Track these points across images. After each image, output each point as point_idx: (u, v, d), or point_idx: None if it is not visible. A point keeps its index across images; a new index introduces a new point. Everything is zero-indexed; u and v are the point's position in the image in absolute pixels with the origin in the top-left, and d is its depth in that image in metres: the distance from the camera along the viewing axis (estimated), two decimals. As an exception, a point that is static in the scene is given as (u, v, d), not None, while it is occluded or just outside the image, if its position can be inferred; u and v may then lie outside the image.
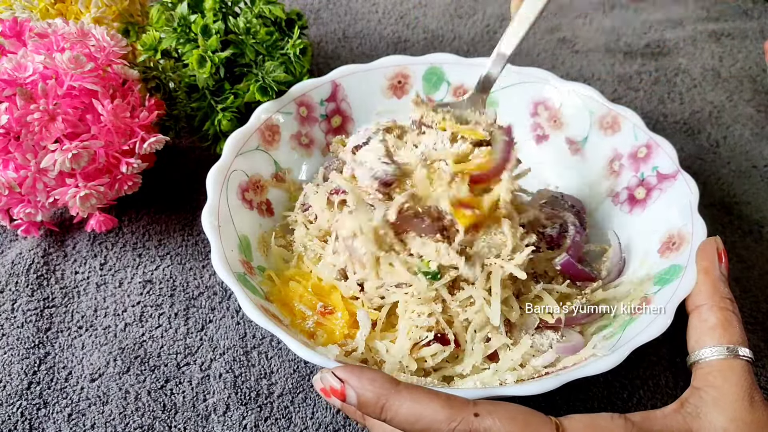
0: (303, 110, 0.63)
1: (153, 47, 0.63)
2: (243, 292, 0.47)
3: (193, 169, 0.68)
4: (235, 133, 0.58)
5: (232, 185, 0.56)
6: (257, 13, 0.65)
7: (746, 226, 0.66)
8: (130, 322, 0.57)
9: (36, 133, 0.51)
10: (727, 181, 0.70)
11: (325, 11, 0.92)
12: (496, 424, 0.39)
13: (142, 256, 0.61)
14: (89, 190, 0.55)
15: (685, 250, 0.51)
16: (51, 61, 0.52)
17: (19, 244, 0.62)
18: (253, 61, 0.64)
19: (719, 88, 0.81)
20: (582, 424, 0.41)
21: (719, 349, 0.44)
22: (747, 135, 0.75)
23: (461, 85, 0.66)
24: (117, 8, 0.67)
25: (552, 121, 0.64)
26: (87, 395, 0.52)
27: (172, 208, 0.65)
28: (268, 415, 0.51)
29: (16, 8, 0.64)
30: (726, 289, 0.47)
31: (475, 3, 0.94)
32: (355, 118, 0.65)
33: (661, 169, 0.57)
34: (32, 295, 0.58)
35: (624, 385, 0.53)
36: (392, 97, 0.66)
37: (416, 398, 0.39)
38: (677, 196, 0.55)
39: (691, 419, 0.42)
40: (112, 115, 0.54)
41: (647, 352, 0.55)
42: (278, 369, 0.54)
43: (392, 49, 0.86)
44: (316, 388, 0.42)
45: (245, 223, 0.56)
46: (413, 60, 0.65)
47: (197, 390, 0.52)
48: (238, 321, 0.57)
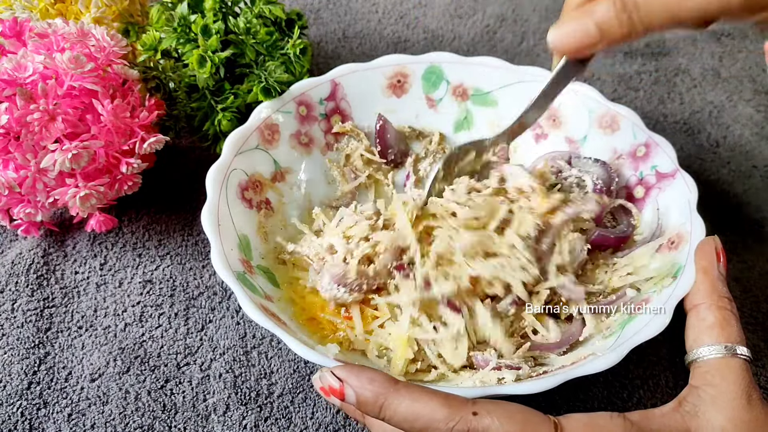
0: (302, 109, 0.63)
1: (153, 47, 0.63)
2: (243, 291, 0.47)
3: (193, 169, 0.68)
4: (235, 132, 0.58)
5: (232, 184, 0.56)
6: (257, 13, 0.65)
7: (746, 226, 0.66)
8: (130, 322, 0.57)
9: (36, 133, 0.51)
10: (727, 181, 0.70)
11: (325, 11, 0.92)
12: (494, 423, 0.39)
13: (142, 256, 0.61)
14: (89, 190, 0.55)
15: (684, 249, 0.51)
16: (51, 61, 0.52)
17: (19, 244, 0.62)
18: (253, 61, 0.64)
19: (719, 88, 0.81)
20: (581, 424, 0.41)
21: (717, 348, 0.44)
22: (747, 135, 0.75)
23: (460, 84, 0.66)
24: (117, 8, 0.67)
25: (551, 120, 0.64)
26: (87, 395, 0.52)
27: (172, 208, 0.65)
28: (268, 415, 0.51)
29: (16, 8, 0.64)
30: (724, 288, 0.48)
31: (475, 3, 0.94)
32: (354, 117, 0.65)
33: (660, 168, 0.58)
34: (32, 295, 0.58)
35: (624, 385, 0.53)
36: (392, 96, 0.66)
37: (415, 397, 0.39)
38: (676, 195, 0.55)
39: (689, 418, 0.42)
40: (112, 115, 0.54)
41: (647, 351, 0.55)
42: (278, 369, 0.54)
43: (392, 49, 0.86)
44: (316, 387, 0.42)
45: (245, 223, 0.56)
46: (413, 59, 0.65)
47: (197, 390, 0.52)
48: (238, 321, 0.57)
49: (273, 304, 0.51)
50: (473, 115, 0.66)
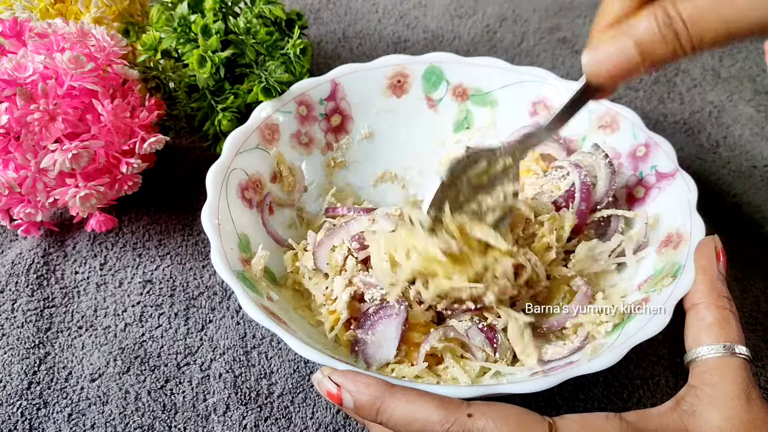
0: (302, 109, 0.63)
1: (153, 47, 0.63)
2: (243, 290, 0.47)
3: (193, 169, 0.68)
4: (235, 132, 0.58)
5: (232, 184, 0.56)
6: (257, 13, 0.65)
7: (746, 226, 0.66)
8: (130, 322, 0.57)
9: (36, 133, 0.51)
10: (727, 181, 0.70)
11: (325, 11, 0.92)
12: (489, 425, 0.39)
13: (142, 256, 0.61)
14: (89, 190, 0.55)
15: (684, 248, 0.51)
16: (51, 61, 0.52)
17: (19, 244, 0.62)
18: (253, 61, 0.64)
19: (719, 88, 0.81)
20: (576, 425, 0.41)
21: (716, 347, 0.44)
22: (747, 135, 0.75)
23: (460, 84, 0.66)
24: (117, 8, 0.67)
25: (551, 120, 0.64)
26: (87, 395, 0.52)
27: (172, 208, 0.65)
28: (268, 415, 0.51)
29: (16, 8, 0.64)
30: (724, 287, 0.47)
31: (475, 3, 0.94)
32: (354, 117, 0.65)
33: (660, 168, 0.58)
34: (32, 295, 0.58)
35: (624, 385, 0.53)
36: (392, 96, 0.66)
37: (410, 400, 0.40)
38: (676, 195, 0.55)
39: (687, 417, 0.42)
40: (112, 115, 0.54)
41: (647, 351, 0.55)
42: (278, 369, 0.54)
43: (392, 49, 0.86)
44: (316, 387, 0.43)
45: (245, 222, 0.56)
46: (413, 59, 0.65)
47: (197, 390, 0.52)
48: (238, 321, 0.57)
49: (273, 303, 0.51)
50: (473, 115, 0.66)
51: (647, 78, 0.82)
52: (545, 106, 0.64)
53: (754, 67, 0.84)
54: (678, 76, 0.83)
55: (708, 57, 0.85)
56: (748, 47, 0.87)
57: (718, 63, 0.85)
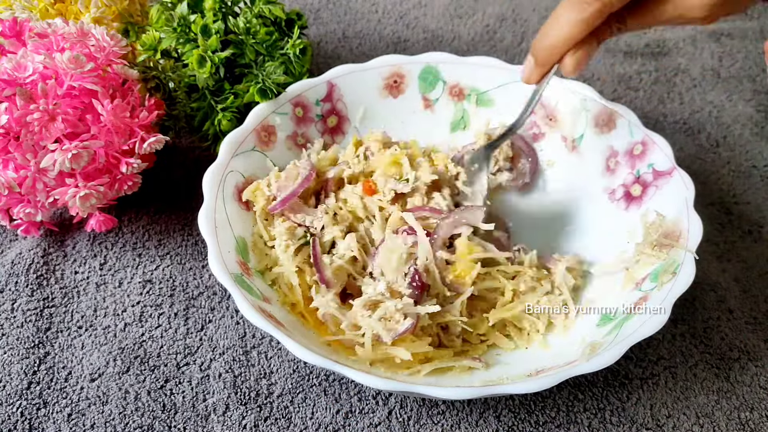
0: (299, 111, 0.63)
1: (153, 47, 0.63)
2: (240, 293, 0.47)
3: (193, 169, 0.68)
4: (232, 134, 0.58)
5: (229, 186, 0.56)
6: (257, 13, 0.65)
7: (746, 226, 0.66)
8: (129, 322, 0.57)
9: (36, 133, 0.51)
10: (726, 181, 0.70)
11: (325, 11, 0.92)
12: None
13: (142, 256, 0.61)
14: (89, 190, 0.55)
15: (682, 246, 0.51)
16: (51, 61, 0.52)
17: (19, 244, 0.62)
18: (253, 61, 0.64)
19: (719, 88, 0.81)
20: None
21: None
22: (747, 135, 0.75)
23: (457, 84, 0.66)
24: (117, 8, 0.67)
25: (548, 119, 0.64)
26: (87, 395, 0.52)
27: (172, 208, 0.66)
28: (267, 415, 0.51)
29: (16, 8, 0.64)
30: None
31: (475, 3, 0.94)
32: (350, 118, 0.65)
33: (657, 166, 0.58)
34: (32, 295, 0.58)
35: (624, 385, 0.53)
36: (388, 96, 0.66)
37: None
38: (673, 193, 0.55)
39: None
40: (112, 115, 0.54)
41: (647, 351, 0.55)
42: (278, 369, 0.54)
43: (392, 49, 0.86)
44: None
45: (242, 225, 0.56)
46: (409, 59, 0.65)
47: (197, 390, 0.53)
48: (238, 321, 0.57)
49: (271, 305, 0.51)
50: (469, 115, 0.66)
51: (647, 78, 0.82)
52: (541, 104, 0.65)
53: (753, 67, 0.84)
54: (678, 76, 0.83)
55: (708, 57, 0.85)
56: (747, 47, 0.87)
57: (717, 63, 0.85)
